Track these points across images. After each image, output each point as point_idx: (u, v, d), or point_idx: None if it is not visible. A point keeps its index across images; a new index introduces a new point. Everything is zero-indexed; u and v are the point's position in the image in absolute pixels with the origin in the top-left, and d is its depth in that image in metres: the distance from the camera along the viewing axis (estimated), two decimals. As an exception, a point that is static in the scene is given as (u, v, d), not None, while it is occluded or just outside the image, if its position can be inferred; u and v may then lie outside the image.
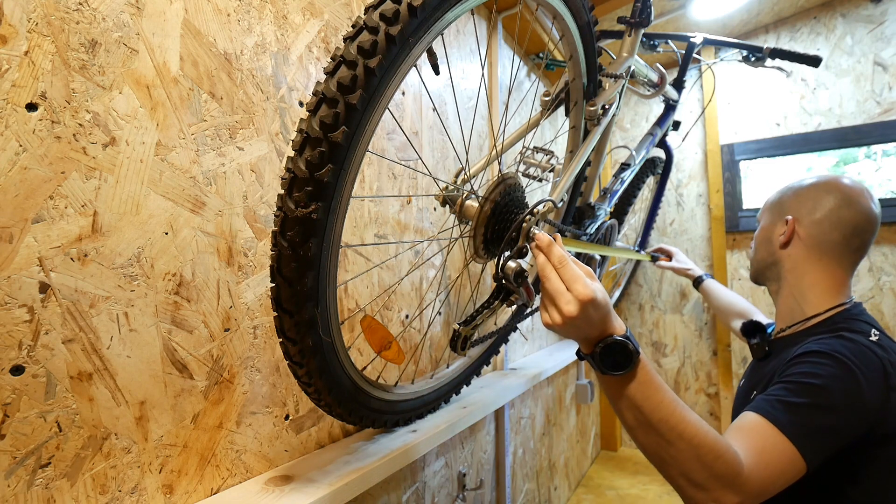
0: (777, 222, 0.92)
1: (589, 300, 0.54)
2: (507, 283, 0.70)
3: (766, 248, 0.94)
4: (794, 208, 0.90)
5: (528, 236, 0.70)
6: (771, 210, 0.95)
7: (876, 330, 0.76)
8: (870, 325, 0.78)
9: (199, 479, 0.56)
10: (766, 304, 1.97)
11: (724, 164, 2.07)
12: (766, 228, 0.95)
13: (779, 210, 0.93)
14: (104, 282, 0.48)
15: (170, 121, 0.54)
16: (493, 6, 1.32)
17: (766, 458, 0.61)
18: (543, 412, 1.64)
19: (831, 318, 0.82)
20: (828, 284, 0.85)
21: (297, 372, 0.55)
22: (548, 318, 0.57)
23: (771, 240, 0.92)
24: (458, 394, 0.94)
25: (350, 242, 0.80)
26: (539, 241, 0.60)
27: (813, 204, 0.87)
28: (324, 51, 0.75)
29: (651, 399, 0.57)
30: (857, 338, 0.73)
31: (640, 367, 0.57)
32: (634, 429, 0.59)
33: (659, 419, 0.57)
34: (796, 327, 0.86)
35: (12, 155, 0.42)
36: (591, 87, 0.90)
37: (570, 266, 0.56)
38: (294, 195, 0.47)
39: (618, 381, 0.57)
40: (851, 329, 0.76)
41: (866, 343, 0.72)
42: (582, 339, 0.59)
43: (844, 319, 0.80)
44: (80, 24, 0.47)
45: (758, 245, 0.97)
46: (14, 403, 0.42)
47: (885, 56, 1.78)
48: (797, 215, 0.88)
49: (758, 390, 0.83)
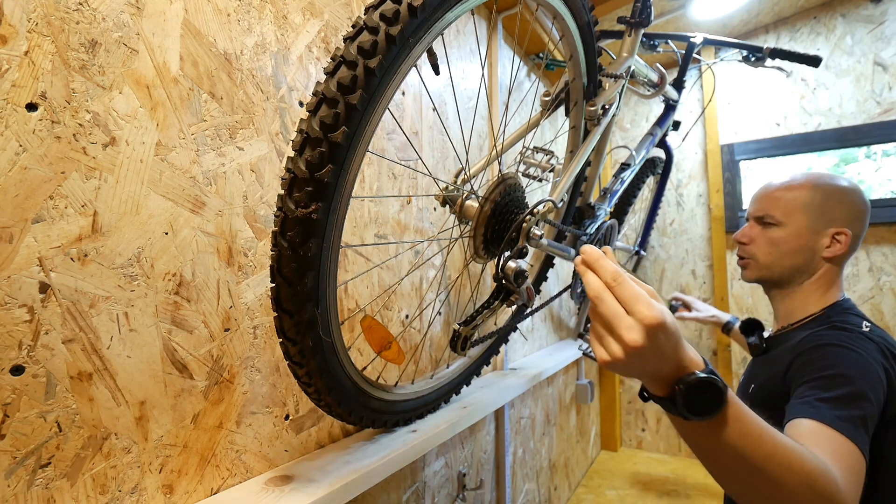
0: (821, 231, 0.84)
1: (658, 324, 0.42)
2: (508, 283, 0.70)
3: (802, 258, 0.86)
4: (844, 220, 0.84)
5: (528, 236, 0.70)
6: (807, 213, 0.86)
7: (867, 322, 0.78)
8: (860, 317, 0.80)
9: (199, 479, 0.56)
10: (768, 303, 1.98)
11: (724, 164, 2.07)
12: (803, 235, 0.86)
13: (821, 216, 0.85)
14: (104, 282, 0.48)
15: (170, 121, 0.54)
16: (493, 6, 1.32)
17: (844, 463, 0.58)
18: (543, 412, 1.64)
19: (825, 314, 0.84)
20: (830, 285, 0.86)
21: (298, 372, 0.55)
22: (605, 354, 0.45)
23: (813, 249, 0.85)
24: (458, 394, 0.94)
25: (350, 242, 0.80)
26: (587, 255, 0.48)
27: (859, 216, 0.84)
28: (324, 51, 0.75)
29: (750, 436, 0.47)
30: (851, 328, 0.76)
31: (730, 404, 0.46)
32: (734, 476, 0.49)
33: (764, 457, 0.47)
34: (794, 325, 0.88)
35: (12, 155, 0.42)
36: (591, 87, 0.90)
37: (629, 283, 0.45)
38: (294, 195, 0.47)
39: (708, 427, 0.46)
40: (844, 322, 0.79)
41: (860, 331, 0.75)
42: (652, 376, 0.47)
43: (837, 313, 0.82)
44: (80, 24, 0.47)
45: (789, 252, 0.87)
46: (14, 403, 0.42)
47: (885, 56, 1.78)
48: (851, 228, 0.84)
49: (756, 383, 0.86)
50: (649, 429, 2.26)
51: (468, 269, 1.17)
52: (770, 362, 0.85)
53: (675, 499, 1.78)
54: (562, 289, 1.06)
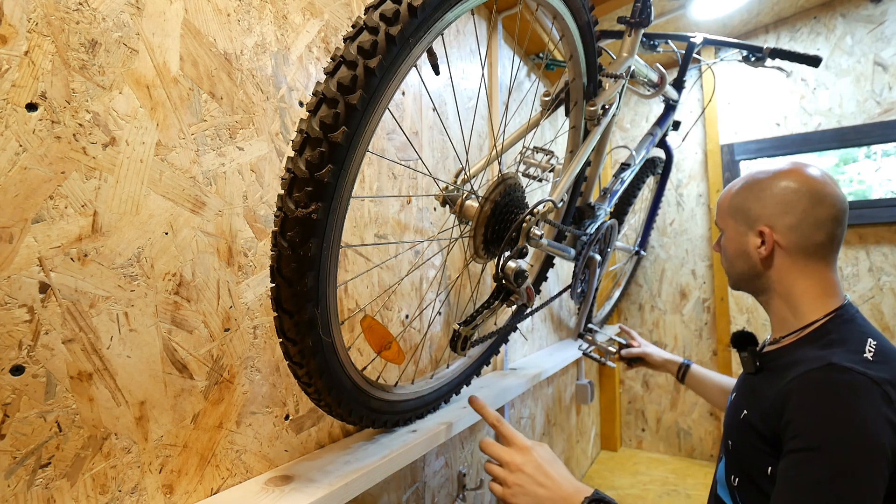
0: (748, 232, 0.83)
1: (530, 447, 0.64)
2: (508, 283, 0.70)
3: (744, 262, 0.84)
4: (763, 215, 0.80)
5: (528, 236, 0.70)
6: (734, 217, 0.85)
7: (872, 339, 0.70)
8: (864, 332, 0.72)
9: (199, 479, 0.56)
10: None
11: (724, 164, 2.07)
12: (735, 240, 0.85)
13: (744, 217, 0.83)
14: (104, 282, 0.48)
15: (170, 121, 0.54)
16: (493, 6, 1.32)
17: None
18: (543, 412, 1.64)
19: (824, 327, 0.76)
20: (819, 289, 0.79)
21: (298, 372, 0.55)
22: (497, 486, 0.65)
23: (748, 252, 0.83)
24: (458, 394, 0.94)
25: (350, 242, 0.80)
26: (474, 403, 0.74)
27: (783, 206, 0.79)
28: (324, 51, 0.75)
29: None
30: (849, 361, 0.66)
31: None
32: None
33: None
34: (789, 338, 0.80)
35: (12, 155, 0.42)
36: (591, 87, 0.90)
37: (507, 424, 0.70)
38: (294, 195, 0.47)
39: None
40: (845, 342, 0.70)
41: (860, 369, 0.65)
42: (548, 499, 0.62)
43: (837, 328, 0.74)
44: (80, 24, 0.47)
45: (732, 258, 0.86)
46: (14, 403, 0.42)
47: (885, 56, 1.78)
48: (770, 223, 0.80)
49: (749, 410, 0.78)
50: (649, 429, 2.26)
51: (468, 269, 1.17)
52: (764, 386, 0.78)
53: (675, 499, 1.78)
54: (562, 289, 1.06)
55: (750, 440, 0.75)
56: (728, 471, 0.83)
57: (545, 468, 0.64)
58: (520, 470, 0.64)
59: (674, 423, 2.20)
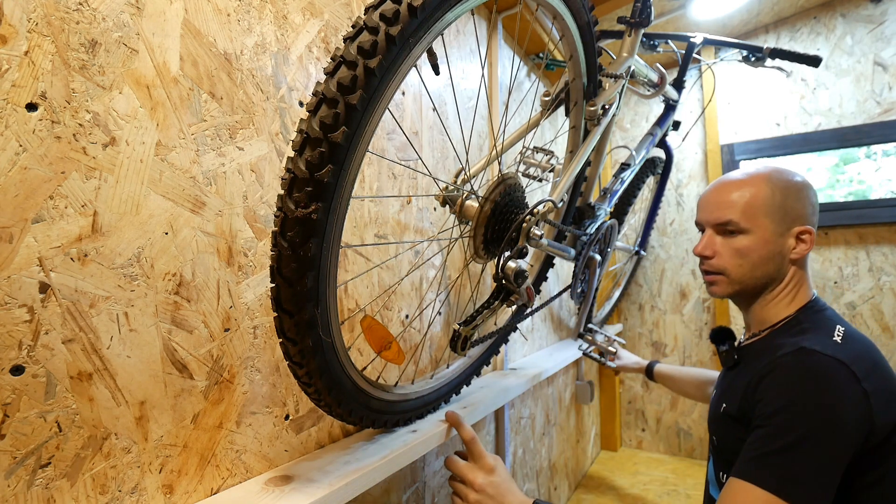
0: (785, 233, 0.79)
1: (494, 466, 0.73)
2: (508, 283, 0.70)
3: (773, 264, 0.80)
4: (804, 216, 0.79)
5: (528, 236, 0.70)
6: (771, 216, 0.79)
7: (840, 326, 0.73)
8: (833, 321, 0.75)
9: (199, 479, 0.56)
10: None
11: (724, 164, 2.07)
12: (771, 241, 0.79)
13: (783, 216, 0.79)
14: (104, 282, 0.48)
15: (170, 121, 0.54)
16: (493, 6, 1.32)
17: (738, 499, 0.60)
18: (543, 412, 1.64)
19: (796, 318, 0.79)
20: (798, 286, 0.82)
21: (298, 372, 0.55)
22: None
23: (782, 253, 0.79)
24: (458, 394, 0.94)
25: (350, 242, 0.80)
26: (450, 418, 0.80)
27: (813, 208, 0.81)
28: (324, 51, 0.75)
29: None
30: (819, 345, 0.68)
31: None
32: None
33: None
34: (766, 331, 0.83)
35: (12, 155, 0.42)
36: (591, 87, 0.90)
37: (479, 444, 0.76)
38: (294, 195, 0.47)
39: None
40: (816, 328, 0.74)
41: (829, 353, 0.67)
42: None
43: (808, 317, 0.78)
44: (80, 24, 0.47)
45: (760, 260, 0.80)
46: (14, 403, 0.42)
47: (885, 56, 1.78)
48: (812, 224, 0.79)
49: (727, 402, 0.80)
50: (649, 429, 2.26)
51: (468, 269, 1.17)
52: (740, 377, 0.80)
53: (675, 499, 1.78)
54: (562, 289, 1.06)
55: (732, 433, 0.77)
56: (716, 468, 0.84)
57: (504, 487, 0.72)
58: (483, 490, 0.71)
59: (674, 423, 2.20)
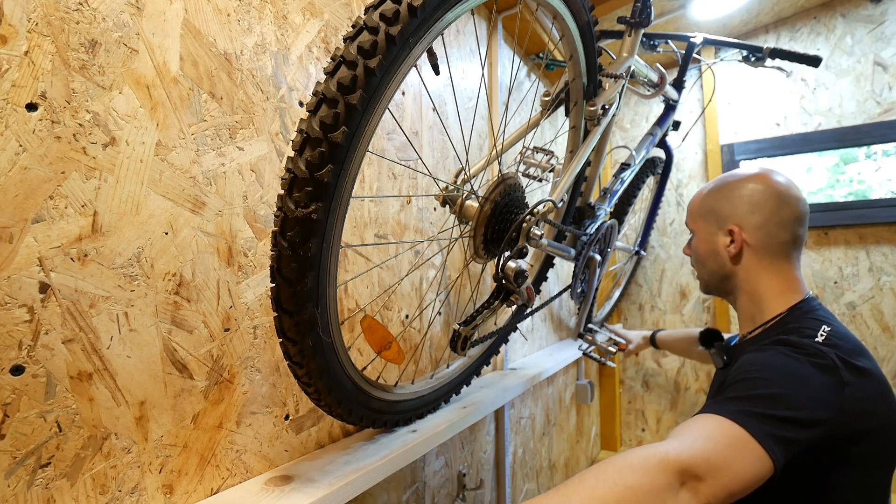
0: (717, 232, 0.88)
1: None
2: (508, 283, 0.70)
3: (715, 261, 0.89)
4: (733, 215, 0.85)
5: (528, 236, 0.70)
6: (705, 218, 0.90)
7: (826, 326, 0.73)
8: (820, 321, 0.75)
9: (199, 479, 0.56)
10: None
11: (724, 164, 2.07)
12: (707, 240, 0.90)
13: (714, 218, 0.88)
14: (104, 282, 0.48)
15: (170, 121, 0.54)
16: (493, 6, 1.32)
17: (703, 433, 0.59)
18: (543, 412, 1.64)
19: (783, 318, 0.80)
20: (782, 285, 0.83)
21: (298, 372, 0.55)
22: None
23: (718, 252, 0.88)
24: (458, 394, 0.94)
25: (350, 242, 0.80)
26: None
27: (750, 206, 0.84)
28: (324, 51, 0.75)
29: None
30: (801, 341, 0.70)
31: None
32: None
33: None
34: (755, 332, 0.84)
35: (12, 155, 0.42)
36: (591, 87, 0.90)
37: None
38: (294, 195, 0.47)
39: None
40: (800, 330, 0.74)
41: (808, 343, 0.69)
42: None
43: (795, 318, 0.78)
44: (80, 24, 0.47)
45: (703, 258, 0.91)
46: (14, 403, 0.42)
47: (885, 56, 1.78)
48: (739, 223, 0.84)
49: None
50: (649, 429, 2.26)
51: (468, 269, 1.17)
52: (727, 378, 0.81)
53: (675, 499, 1.78)
54: (562, 289, 1.06)
55: None
56: None
57: None
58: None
59: (674, 423, 2.20)
